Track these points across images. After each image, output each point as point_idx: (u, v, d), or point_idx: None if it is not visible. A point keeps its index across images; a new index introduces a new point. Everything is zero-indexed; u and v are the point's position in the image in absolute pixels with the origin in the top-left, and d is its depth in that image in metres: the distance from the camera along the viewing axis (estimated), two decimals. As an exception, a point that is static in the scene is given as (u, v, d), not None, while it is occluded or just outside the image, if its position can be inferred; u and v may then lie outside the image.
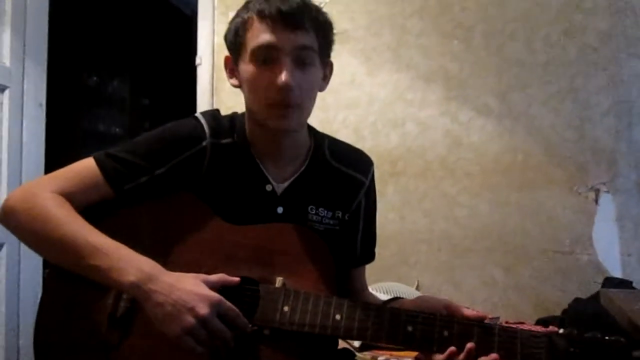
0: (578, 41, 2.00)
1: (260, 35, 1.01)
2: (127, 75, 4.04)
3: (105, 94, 3.96)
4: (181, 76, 2.87)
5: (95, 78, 3.88)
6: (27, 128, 2.29)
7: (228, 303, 0.93)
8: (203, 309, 0.90)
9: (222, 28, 2.44)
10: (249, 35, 1.03)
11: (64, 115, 3.27)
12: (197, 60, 2.49)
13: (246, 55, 1.03)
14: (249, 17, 1.03)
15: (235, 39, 1.06)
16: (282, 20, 1.00)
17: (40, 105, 2.35)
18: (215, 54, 2.46)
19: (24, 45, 2.28)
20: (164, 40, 3.73)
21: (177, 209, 1.06)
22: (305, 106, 1.06)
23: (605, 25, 1.97)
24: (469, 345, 0.91)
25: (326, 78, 1.13)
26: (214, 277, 0.96)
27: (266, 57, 1.01)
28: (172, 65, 3.50)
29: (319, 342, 0.99)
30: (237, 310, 0.94)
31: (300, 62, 1.02)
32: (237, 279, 0.97)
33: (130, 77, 4.06)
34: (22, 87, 2.28)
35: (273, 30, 1.00)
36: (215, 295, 0.92)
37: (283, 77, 0.99)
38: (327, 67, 1.13)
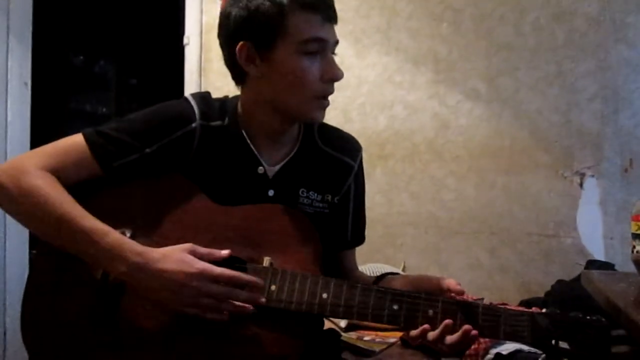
0: (567, 26, 2.00)
1: (312, 27, 1.00)
2: (114, 55, 3.99)
3: (92, 73, 3.91)
4: (169, 56, 2.84)
5: (81, 57, 3.83)
6: (12, 107, 2.26)
7: (216, 269, 0.94)
8: (193, 283, 0.92)
9: (210, 7, 2.42)
10: (294, 24, 1.00)
11: (49, 95, 3.23)
12: (185, 40, 2.46)
13: (290, 45, 1.00)
14: (288, 3, 0.99)
15: (267, 24, 1.00)
16: (326, 12, 1.01)
17: (25, 84, 2.32)
18: (203, 33, 2.43)
19: (8, 23, 2.24)
20: (152, 20, 3.68)
21: (167, 189, 1.06)
22: None
23: (594, 10, 1.98)
24: (446, 321, 0.92)
25: None
26: (204, 249, 0.97)
27: (315, 49, 1.01)
28: (159, 45, 3.46)
29: (305, 321, 1.00)
30: (226, 270, 0.95)
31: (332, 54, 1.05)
32: (226, 251, 0.98)
33: (117, 57, 4.01)
34: (6, 65, 2.25)
35: (323, 23, 1.01)
36: (201, 266, 0.93)
37: (337, 71, 1.02)
38: None
